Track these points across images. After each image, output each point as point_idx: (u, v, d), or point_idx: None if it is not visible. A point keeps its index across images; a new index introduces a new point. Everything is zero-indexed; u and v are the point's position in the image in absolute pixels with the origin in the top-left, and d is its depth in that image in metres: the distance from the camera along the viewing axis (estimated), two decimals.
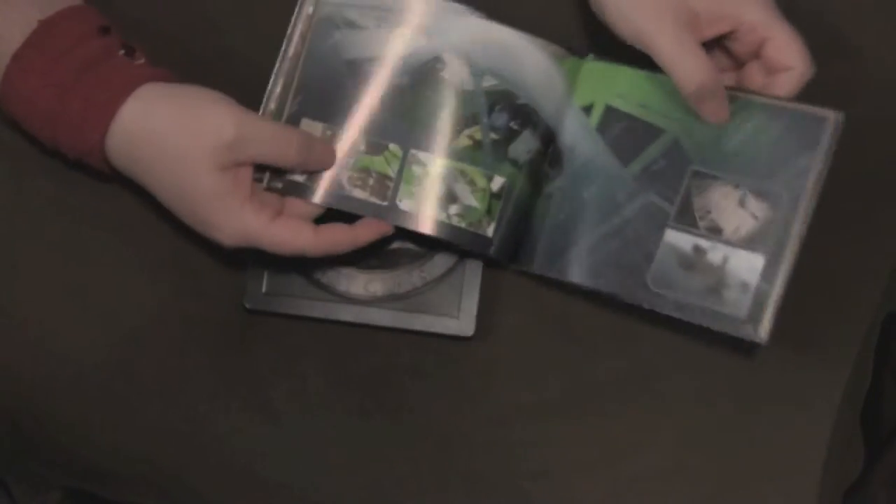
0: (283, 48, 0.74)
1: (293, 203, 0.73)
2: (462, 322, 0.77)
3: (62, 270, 0.76)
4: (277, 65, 0.74)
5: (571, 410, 0.77)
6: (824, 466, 0.75)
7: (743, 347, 0.76)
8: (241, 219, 0.69)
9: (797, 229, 0.72)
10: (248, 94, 0.74)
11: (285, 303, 0.77)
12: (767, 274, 0.72)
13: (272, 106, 0.74)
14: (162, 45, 0.76)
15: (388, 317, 0.77)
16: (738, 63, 0.74)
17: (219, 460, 0.77)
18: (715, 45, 0.73)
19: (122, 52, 0.72)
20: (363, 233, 0.73)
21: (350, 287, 0.77)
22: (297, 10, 0.74)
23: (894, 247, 0.79)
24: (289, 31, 0.75)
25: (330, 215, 0.73)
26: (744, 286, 0.72)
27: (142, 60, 0.72)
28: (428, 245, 0.77)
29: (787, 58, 0.70)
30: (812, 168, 0.72)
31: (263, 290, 0.77)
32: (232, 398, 0.77)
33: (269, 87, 0.74)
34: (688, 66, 0.69)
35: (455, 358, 0.78)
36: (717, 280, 0.73)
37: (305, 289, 0.77)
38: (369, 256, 0.77)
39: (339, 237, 0.72)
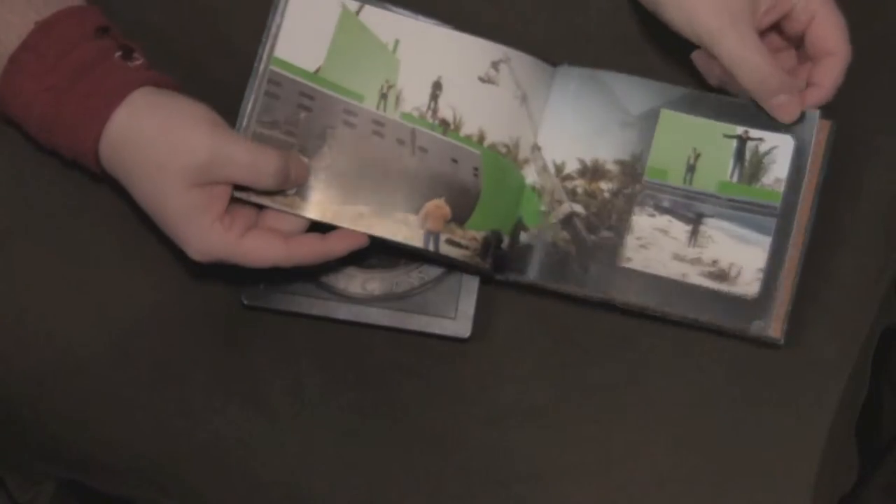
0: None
1: (271, 216, 0.73)
2: (459, 323, 0.77)
3: (60, 265, 0.76)
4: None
5: (566, 413, 0.76)
6: (818, 475, 0.75)
7: (739, 349, 0.76)
8: (208, 237, 0.69)
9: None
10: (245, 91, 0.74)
11: (283, 300, 0.77)
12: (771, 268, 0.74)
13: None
14: (160, 42, 0.76)
15: (385, 316, 0.77)
16: (795, 43, 0.76)
17: (213, 455, 0.77)
18: (772, 29, 0.76)
19: (118, 53, 0.71)
20: (336, 244, 0.73)
21: (348, 286, 0.77)
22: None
23: (892, 256, 0.78)
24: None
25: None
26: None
27: (140, 61, 0.72)
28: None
29: (827, 41, 0.73)
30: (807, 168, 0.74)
31: (261, 286, 0.77)
32: (228, 394, 0.77)
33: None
34: (752, 65, 0.71)
35: (451, 359, 0.78)
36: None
37: (303, 286, 0.77)
38: (368, 256, 0.77)
39: (311, 248, 0.72)
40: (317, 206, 0.73)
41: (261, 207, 0.73)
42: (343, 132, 0.75)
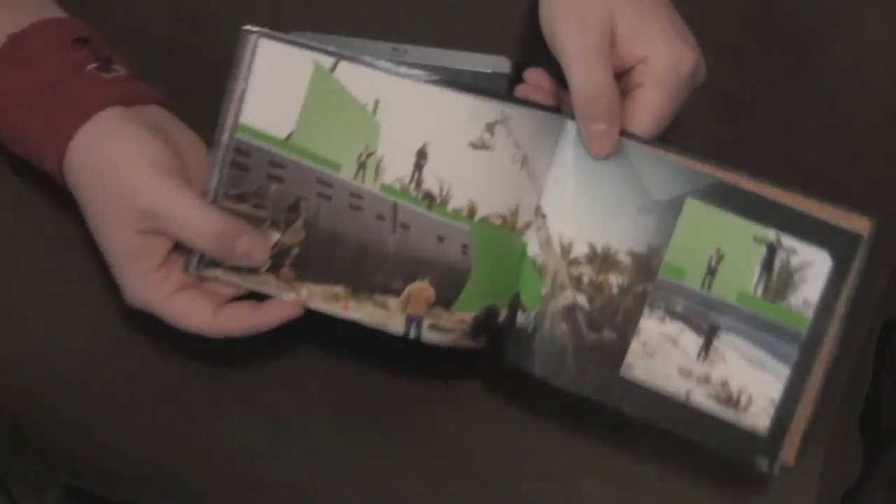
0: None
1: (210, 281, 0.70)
2: None
3: (63, 269, 0.76)
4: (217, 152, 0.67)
5: (571, 411, 0.76)
6: (822, 468, 0.75)
7: None
8: (141, 287, 0.67)
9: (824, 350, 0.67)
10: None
11: None
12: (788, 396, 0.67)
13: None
14: (163, 53, 0.76)
15: None
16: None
17: (218, 461, 0.77)
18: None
19: (93, 65, 0.69)
20: (266, 317, 0.69)
21: None
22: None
23: (892, 249, 0.79)
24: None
25: None
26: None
27: (121, 72, 0.70)
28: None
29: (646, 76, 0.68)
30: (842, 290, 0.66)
31: None
32: (231, 398, 0.77)
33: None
34: (593, 79, 0.66)
35: (454, 358, 0.77)
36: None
37: None
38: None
39: (237, 322, 0.68)
40: (288, 283, 0.69)
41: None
42: (317, 204, 0.68)
